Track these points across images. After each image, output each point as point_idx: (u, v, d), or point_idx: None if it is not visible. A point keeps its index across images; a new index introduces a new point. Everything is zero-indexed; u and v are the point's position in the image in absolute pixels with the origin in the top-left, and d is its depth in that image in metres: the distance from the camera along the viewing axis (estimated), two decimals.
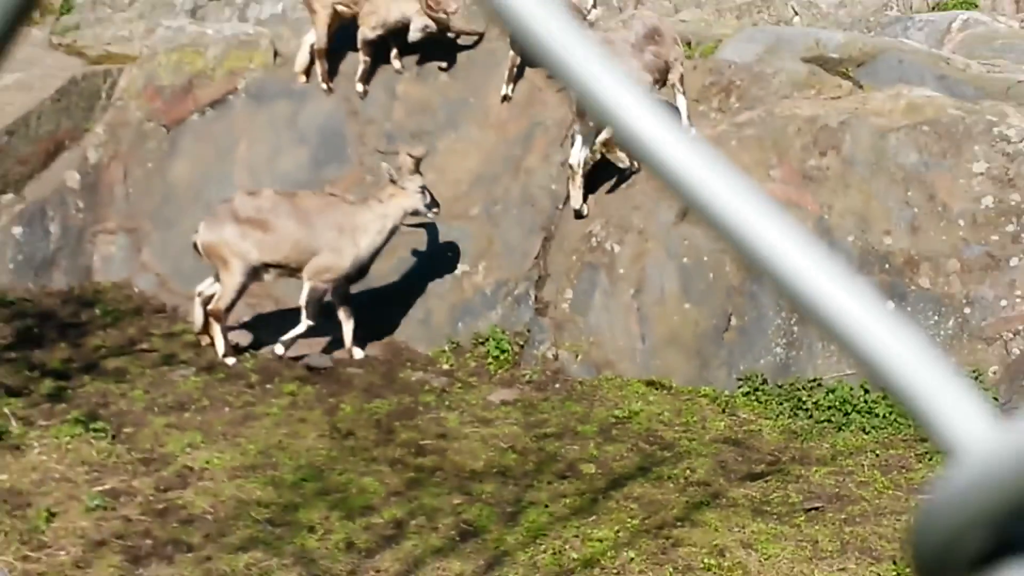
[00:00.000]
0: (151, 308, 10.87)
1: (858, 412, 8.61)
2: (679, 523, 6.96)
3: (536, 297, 9.99)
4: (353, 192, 10.42)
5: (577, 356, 9.60)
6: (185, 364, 9.54)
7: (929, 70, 11.05)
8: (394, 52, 11.64)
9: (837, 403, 8.68)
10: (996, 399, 8.49)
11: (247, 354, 9.76)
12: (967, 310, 8.83)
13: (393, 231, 9.70)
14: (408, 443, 8.12)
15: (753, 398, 8.99)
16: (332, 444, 8.04)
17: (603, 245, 9.85)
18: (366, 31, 11.33)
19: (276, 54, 12.48)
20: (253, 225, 9.52)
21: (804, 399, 8.82)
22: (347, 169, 11.41)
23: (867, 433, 8.44)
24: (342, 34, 11.57)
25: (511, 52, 11.13)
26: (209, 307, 9.69)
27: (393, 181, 9.57)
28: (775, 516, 7.10)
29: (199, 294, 9.87)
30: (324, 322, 10.34)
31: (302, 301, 9.64)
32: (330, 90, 11.72)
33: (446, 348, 9.97)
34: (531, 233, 10.33)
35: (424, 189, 9.62)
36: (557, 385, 9.35)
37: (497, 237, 10.42)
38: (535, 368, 9.59)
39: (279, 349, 9.74)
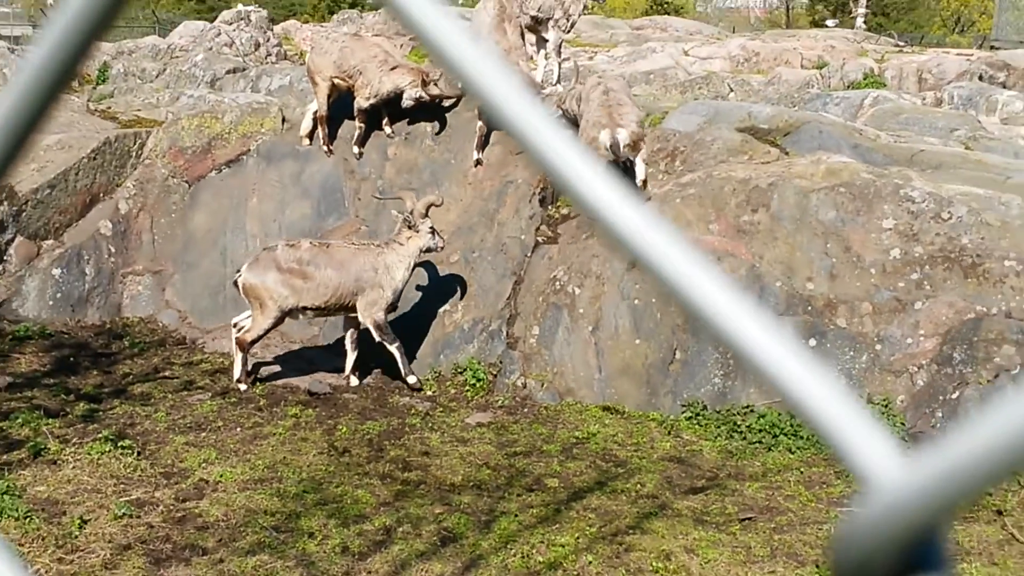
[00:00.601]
0: (173, 340, 10.84)
1: (785, 435, 8.63)
2: (631, 531, 6.94)
3: (508, 333, 9.99)
4: (355, 237, 10.44)
5: (543, 384, 9.60)
6: (202, 390, 9.49)
7: (845, 139, 11.15)
8: (385, 120, 11.72)
9: (767, 427, 8.69)
10: (903, 424, 8.52)
11: (257, 381, 9.73)
12: (878, 347, 8.87)
13: (415, 266, 9.78)
14: (396, 459, 8.08)
15: (695, 422, 9.00)
16: (330, 460, 8.00)
17: (566, 288, 9.87)
18: (361, 101, 11.41)
19: (284, 120, 12.53)
20: (294, 274, 9.49)
21: (739, 423, 8.83)
22: (345, 220, 11.44)
23: (793, 453, 8.46)
24: (341, 103, 11.64)
25: (479, 122, 11.21)
26: (237, 335, 9.67)
27: (410, 226, 9.61)
28: (714, 525, 7.09)
29: (235, 325, 9.85)
30: (326, 355, 10.34)
31: (376, 337, 9.66)
32: (330, 152, 11.78)
33: (430, 377, 9.95)
34: (503, 277, 10.36)
35: (433, 229, 9.67)
36: (526, 409, 9.34)
37: (474, 280, 10.43)
38: (507, 395, 9.58)
39: (411, 379, 9.72)
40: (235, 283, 9.72)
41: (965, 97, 16.17)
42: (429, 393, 9.70)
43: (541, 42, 13.27)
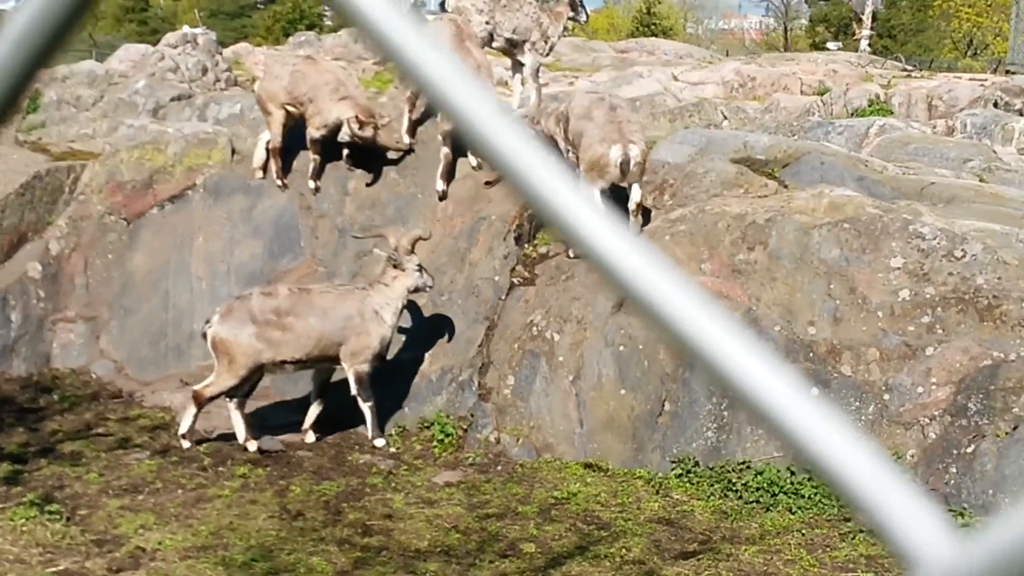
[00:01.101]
0: (108, 394, 10.78)
1: (785, 493, 8.64)
2: None
3: (479, 383, 9.99)
4: (311, 280, 10.44)
5: (518, 439, 9.58)
6: (140, 448, 9.43)
7: (849, 171, 11.26)
8: (345, 151, 11.75)
9: (765, 484, 8.70)
10: (914, 481, 8.55)
11: (200, 437, 9.67)
12: (886, 396, 8.91)
13: (403, 308, 9.79)
14: (355, 523, 8.04)
15: (686, 480, 8.99)
16: (282, 525, 7.95)
17: (544, 334, 9.89)
18: (313, 131, 11.47)
19: (233, 151, 12.55)
20: (271, 326, 9.40)
21: (734, 480, 8.83)
22: (300, 261, 11.44)
23: (793, 513, 8.46)
24: (297, 134, 11.67)
25: (444, 149, 11.26)
26: (196, 388, 9.51)
27: (395, 265, 9.61)
28: None
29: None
30: (277, 409, 10.30)
31: (353, 390, 9.60)
32: (284, 186, 11.80)
33: (393, 432, 9.92)
34: (475, 322, 10.36)
35: (420, 267, 9.70)
36: (499, 467, 9.32)
37: (443, 326, 10.43)
38: (478, 451, 9.56)
39: (379, 442, 9.68)
40: (203, 335, 9.57)
41: (979, 125, 16.35)
42: (393, 450, 9.67)
43: (517, 66, 13.37)
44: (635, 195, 10.16)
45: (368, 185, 11.70)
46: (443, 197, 11.40)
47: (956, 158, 13.32)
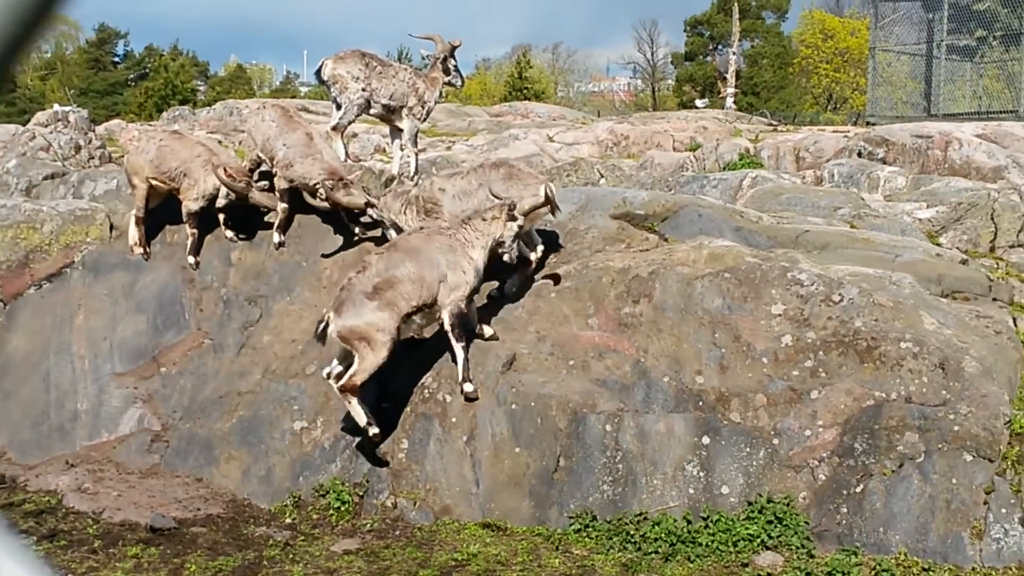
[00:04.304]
0: None
1: (683, 542, 8.67)
2: None
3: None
4: (197, 354, 10.26)
5: (415, 503, 9.48)
6: (25, 534, 9.11)
7: (726, 223, 11.46)
8: (222, 217, 11.69)
9: (663, 535, 8.73)
10: (807, 523, 8.64)
11: (89, 519, 9.38)
12: (776, 441, 9.02)
13: (491, 251, 9.74)
14: None
15: (585, 534, 8.98)
16: None
17: (435, 396, 9.83)
18: (190, 204, 11.40)
19: (112, 227, 12.37)
20: (383, 290, 9.35)
21: (632, 532, 8.84)
22: (186, 334, 11.25)
23: (692, 561, 8.49)
24: (175, 207, 11.56)
25: (281, 204, 11.31)
26: (341, 383, 9.33)
27: (512, 217, 9.72)
28: None
29: (328, 376, 9.64)
30: (167, 485, 10.06)
31: (447, 327, 9.55)
32: (147, 255, 11.73)
33: (288, 502, 9.76)
34: (366, 388, 10.26)
35: (515, 236, 9.76)
36: (398, 532, 9.21)
37: (333, 393, 10.31)
38: (375, 517, 9.45)
39: (468, 387, 9.61)
40: (320, 336, 9.41)
41: (846, 174, 16.84)
42: (288, 520, 9.50)
43: (395, 132, 13.41)
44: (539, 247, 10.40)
45: (242, 237, 11.59)
46: (280, 245, 11.58)
47: (827, 206, 13.67)
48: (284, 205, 11.50)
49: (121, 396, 10.99)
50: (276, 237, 11.57)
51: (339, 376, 9.47)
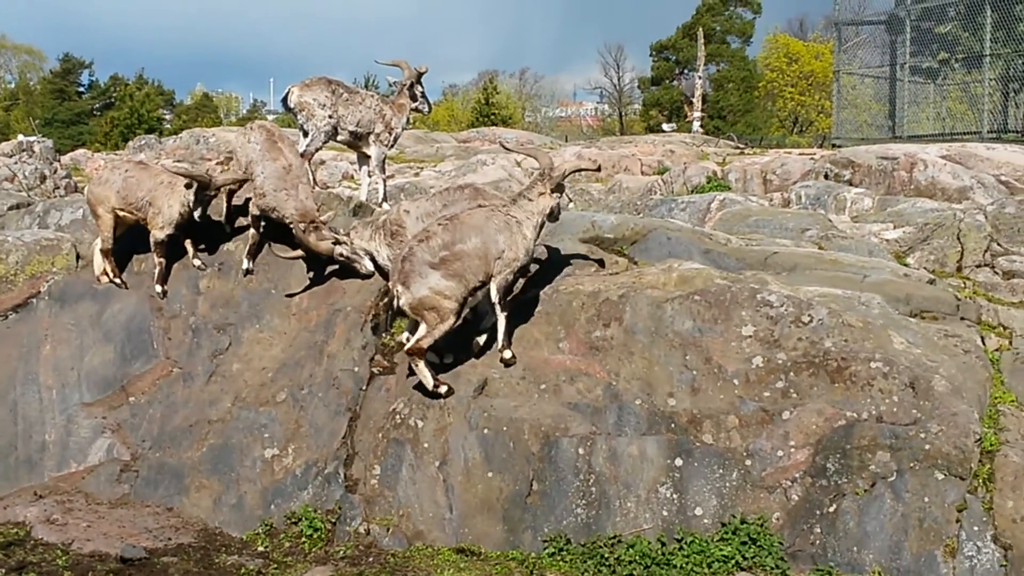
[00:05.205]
0: None
1: (657, 564, 8.67)
2: None
3: (346, 475, 9.84)
4: (166, 383, 10.18)
5: (388, 529, 9.44)
6: None
7: (695, 245, 11.50)
8: (190, 251, 11.68)
9: (637, 557, 8.72)
10: (781, 544, 8.66)
11: (59, 550, 9.28)
12: (748, 462, 9.04)
13: (541, 226, 10.11)
14: None
15: (559, 558, 8.96)
16: None
17: (407, 421, 9.81)
18: (157, 232, 11.40)
19: (78, 257, 12.33)
20: (449, 261, 9.58)
21: (607, 555, 8.83)
22: (154, 363, 11.19)
23: None
24: (142, 235, 11.54)
25: (252, 231, 11.35)
26: (408, 346, 9.71)
27: (556, 188, 10.02)
28: None
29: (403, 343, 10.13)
30: (137, 515, 9.98)
31: (495, 299, 9.80)
32: (123, 284, 11.68)
33: (260, 531, 9.70)
34: (337, 414, 10.23)
35: (558, 204, 10.11)
36: (371, 559, 9.16)
37: (304, 420, 10.28)
38: (348, 544, 9.40)
39: (507, 354, 10.02)
40: (392, 309, 9.85)
41: (813, 196, 16.94)
42: (260, 548, 9.43)
43: (363, 159, 13.44)
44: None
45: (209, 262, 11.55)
46: (248, 272, 11.62)
47: (795, 228, 13.75)
48: (254, 232, 11.49)
49: (90, 426, 10.91)
50: (245, 263, 11.55)
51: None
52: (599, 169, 10.94)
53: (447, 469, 9.52)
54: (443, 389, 9.77)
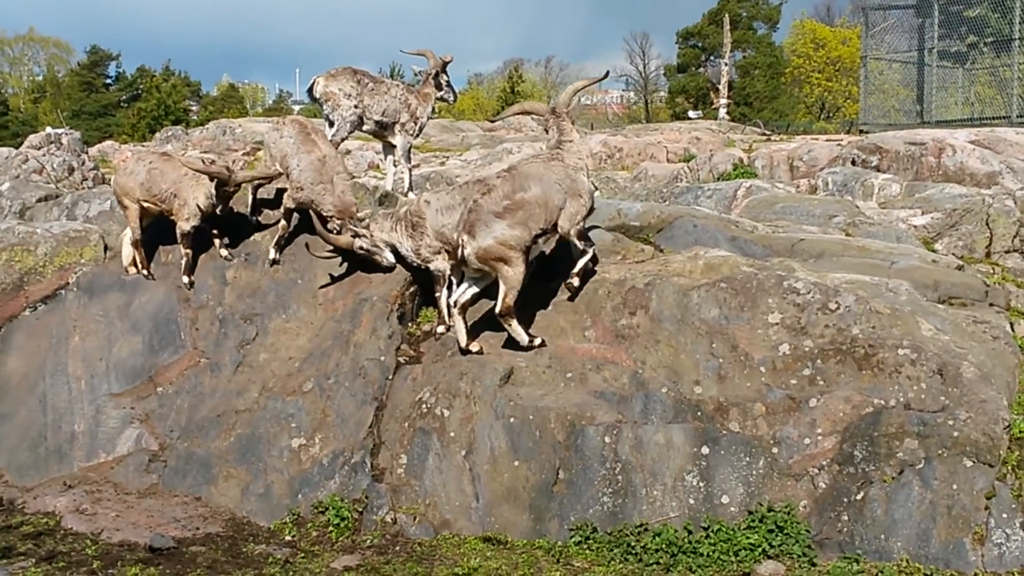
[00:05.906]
0: None
1: (684, 552, 8.66)
2: None
3: (372, 464, 9.86)
4: (193, 373, 10.22)
5: (415, 518, 9.47)
6: (24, 556, 9.08)
7: (721, 232, 11.47)
8: (217, 241, 11.71)
9: (664, 545, 8.71)
10: (808, 531, 8.63)
11: (88, 540, 9.35)
12: (775, 450, 9.02)
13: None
14: None
15: (586, 546, 8.96)
16: None
17: (433, 411, 9.83)
18: (183, 224, 11.42)
19: (106, 248, 12.40)
20: (512, 210, 9.74)
21: (633, 544, 8.83)
22: (182, 353, 11.23)
23: (694, 572, 8.48)
24: (169, 227, 11.59)
25: (282, 222, 11.37)
26: (497, 309, 9.90)
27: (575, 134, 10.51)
28: None
29: (455, 304, 10.18)
30: (165, 505, 10.03)
31: (581, 246, 10.24)
32: (150, 276, 11.71)
33: (287, 520, 9.73)
34: (364, 404, 10.25)
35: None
36: (398, 548, 9.19)
37: (331, 409, 10.31)
38: (375, 533, 9.42)
39: (575, 281, 10.42)
40: (463, 259, 9.88)
41: (840, 183, 16.85)
42: (288, 538, 9.47)
43: (388, 148, 13.46)
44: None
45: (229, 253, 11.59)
46: (275, 263, 11.65)
47: (822, 215, 13.69)
48: (284, 223, 11.51)
49: (118, 416, 10.97)
50: (272, 254, 11.58)
51: (464, 306, 10.16)
52: (606, 76, 11.51)
53: (473, 458, 9.53)
54: (537, 342, 10.03)
